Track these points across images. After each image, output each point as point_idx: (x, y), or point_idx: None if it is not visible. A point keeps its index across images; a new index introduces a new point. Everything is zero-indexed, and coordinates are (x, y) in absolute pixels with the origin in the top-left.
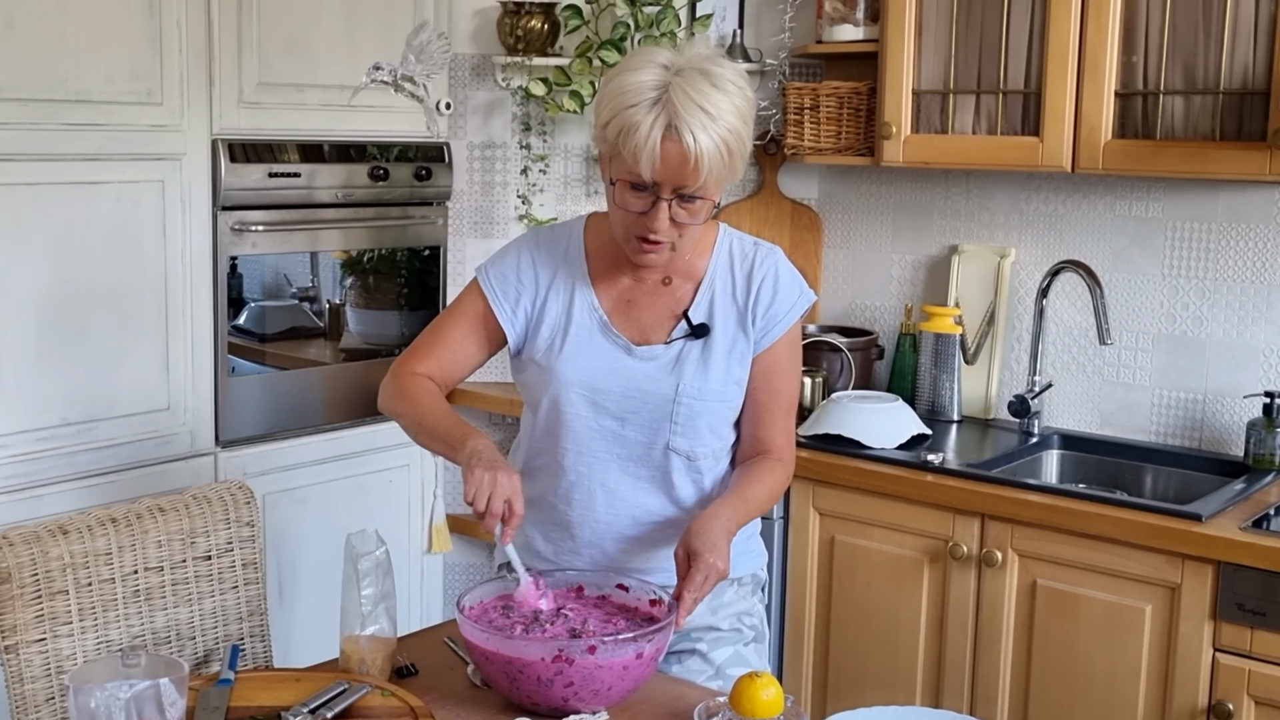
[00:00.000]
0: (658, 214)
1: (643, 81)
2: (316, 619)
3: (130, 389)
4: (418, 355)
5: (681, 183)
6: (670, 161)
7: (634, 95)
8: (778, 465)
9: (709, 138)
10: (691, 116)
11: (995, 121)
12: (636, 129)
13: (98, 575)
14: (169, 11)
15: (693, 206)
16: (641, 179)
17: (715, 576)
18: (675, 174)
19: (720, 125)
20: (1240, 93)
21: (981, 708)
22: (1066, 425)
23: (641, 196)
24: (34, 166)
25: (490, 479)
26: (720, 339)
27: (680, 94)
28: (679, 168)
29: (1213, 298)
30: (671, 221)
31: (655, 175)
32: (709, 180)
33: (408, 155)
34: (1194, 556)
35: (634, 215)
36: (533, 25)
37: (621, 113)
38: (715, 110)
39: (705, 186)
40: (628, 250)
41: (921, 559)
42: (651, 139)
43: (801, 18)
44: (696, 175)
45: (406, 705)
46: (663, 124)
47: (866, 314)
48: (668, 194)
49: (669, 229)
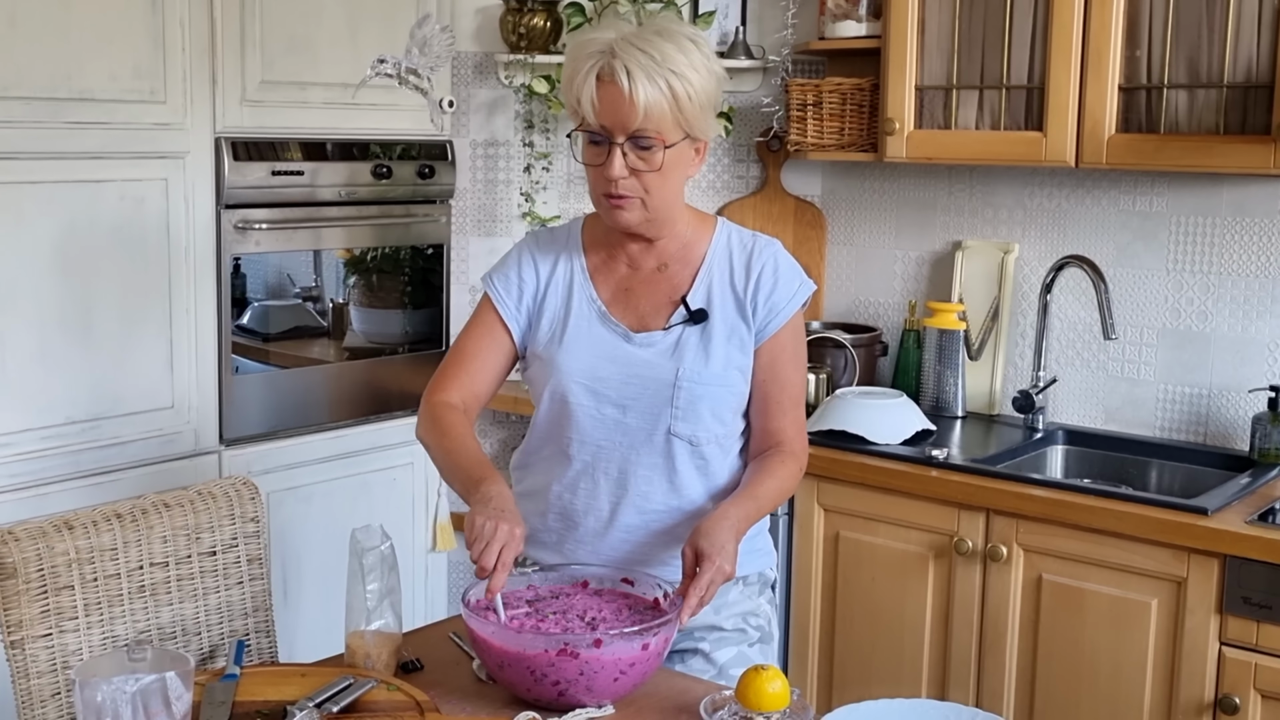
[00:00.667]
0: (612, 160)
1: (595, 39)
2: (321, 617)
3: (135, 387)
4: (445, 379)
5: (625, 124)
6: (608, 102)
7: (583, 49)
8: (789, 459)
9: (646, 76)
10: (630, 59)
11: (999, 116)
12: (576, 74)
13: (103, 571)
14: (172, 10)
15: (648, 154)
16: (592, 125)
17: (721, 579)
18: (616, 114)
19: (663, 69)
20: (1244, 86)
21: (988, 703)
22: (1071, 421)
23: (598, 149)
24: (38, 165)
25: (491, 528)
26: (719, 325)
27: (623, 44)
28: (617, 107)
29: (1217, 292)
30: (632, 172)
31: (598, 118)
32: (654, 122)
33: (411, 153)
34: (1200, 550)
35: (596, 171)
36: (535, 23)
37: (570, 64)
38: (659, 54)
39: (653, 129)
40: (603, 214)
41: (926, 554)
42: (589, 82)
43: (804, 14)
44: (634, 113)
45: (412, 699)
46: (599, 67)
47: (870, 310)
48: (619, 138)
49: (629, 181)
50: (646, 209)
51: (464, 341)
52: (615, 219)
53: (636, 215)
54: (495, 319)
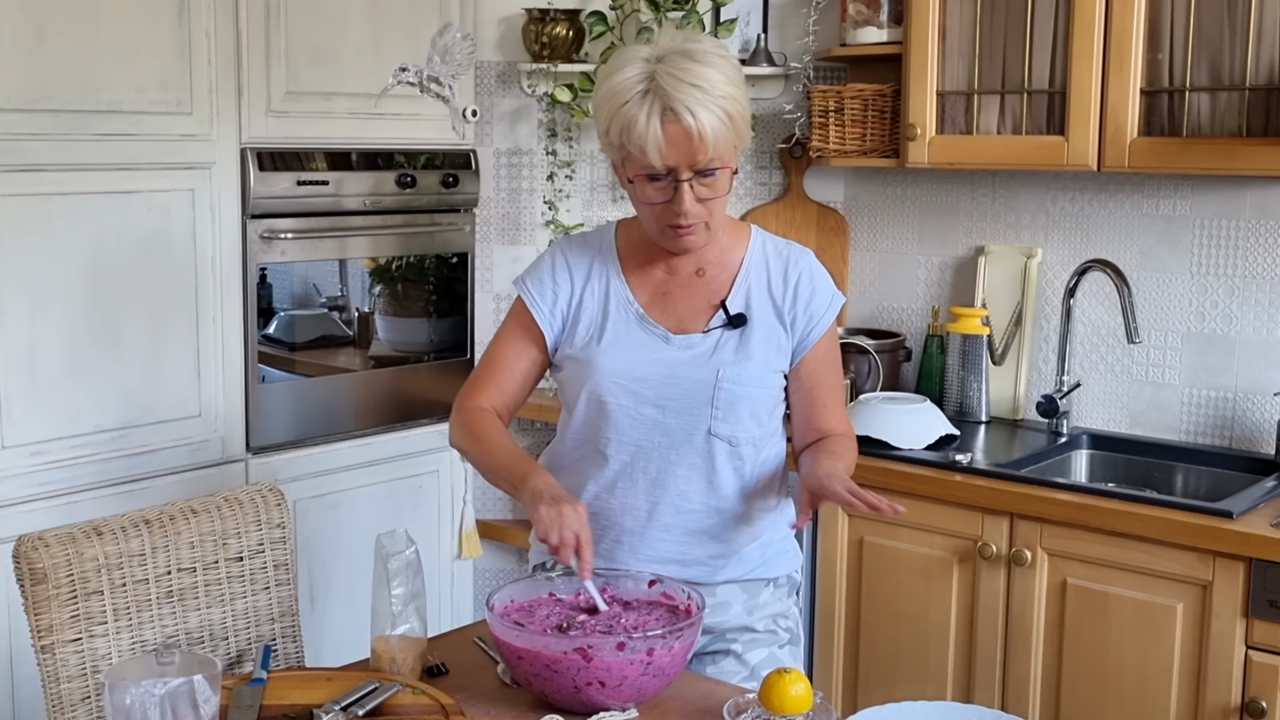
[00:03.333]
0: (682, 198)
1: (629, 78)
2: (348, 624)
3: (163, 396)
4: (477, 385)
5: (693, 160)
6: (675, 143)
7: (624, 93)
8: (843, 439)
9: (706, 110)
10: (683, 94)
11: (1020, 121)
12: (635, 123)
13: (132, 576)
14: (198, 22)
15: (712, 180)
16: (655, 168)
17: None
18: (684, 154)
19: (714, 95)
20: (1266, 88)
21: (1013, 707)
22: (1095, 425)
23: (661, 186)
24: (66, 176)
25: (556, 512)
26: (758, 329)
27: (666, 78)
28: (685, 147)
29: (1241, 295)
30: (697, 201)
31: (665, 161)
32: (719, 150)
33: (435, 163)
34: (1225, 554)
35: (660, 207)
36: (558, 32)
37: (617, 113)
38: (705, 83)
39: (717, 157)
40: (664, 243)
41: (951, 559)
42: (652, 127)
43: (825, 21)
44: (705, 148)
45: (437, 703)
46: (659, 109)
47: (893, 316)
48: (685, 175)
49: (697, 209)
50: (709, 229)
51: (496, 349)
52: (681, 246)
53: (701, 238)
54: (528, 323)
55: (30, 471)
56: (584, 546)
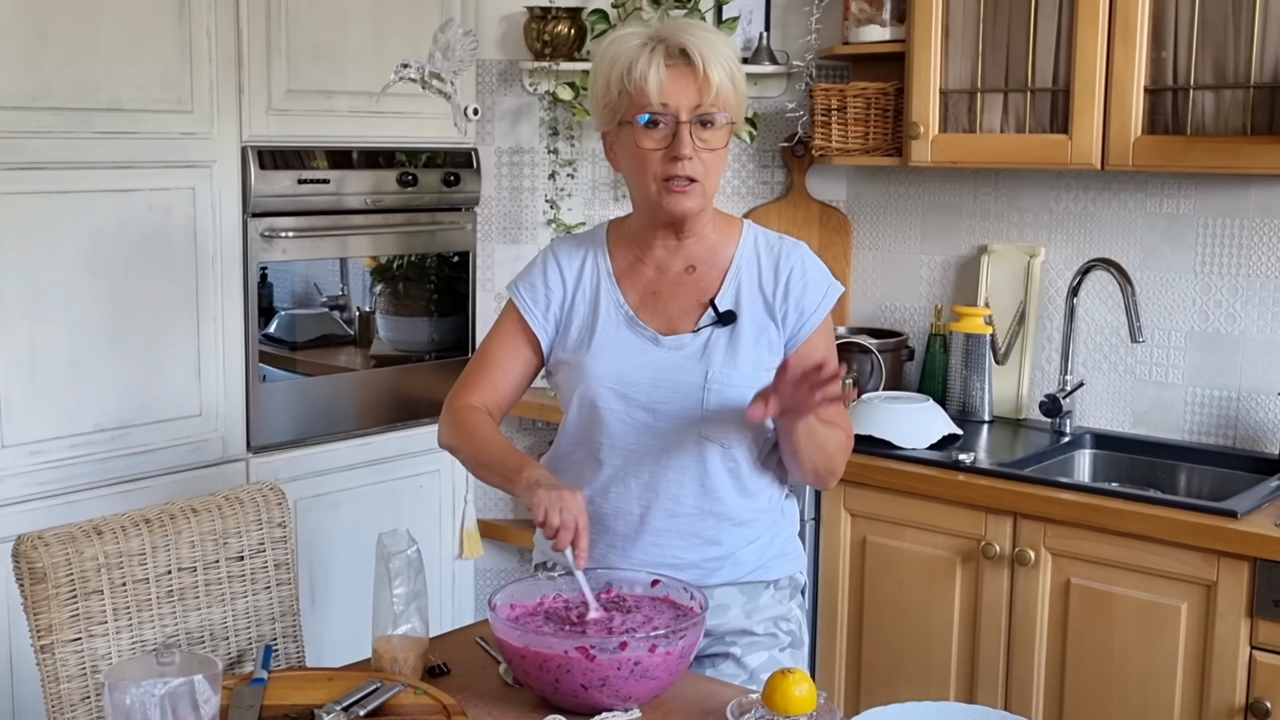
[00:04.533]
0: (681, 140)
1: (631, 41)
2: (349, 623)
3: (163, 395)
4: (468, 384)
5: (694, 102)
6: (677, 81)
7: (626, 49)
8: (838, 428)
9: (713, 53)
10: (692, 35)
11: (1023, 120)
12: (636, 62)
13: (132, 575)
14: (198, 20)
15: (712, 132)
16: (653, 106)
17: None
18: (685, 94)
19: (719, 50)
20: (1271, 86)
21: (1016, 707)
22: (1099, 424)
23: (660, 131)
24: (66, 174)
25: (555, 497)
26: (747, 326)
27: (671, 28)
28: (686, 86)
29: (1245, 294)
30: (695, 154)
31: (664, 97)
32: (722, 97)
33: (436, 161)
34: (1229, 554)
35: (657, 156)
36: (559, 30)
37: (616, 64)
38: (713, 36)
39: (720, 104)
40: (660, 203)
41: (954, 559)
42: (655, 63)
43: (828, 19)
44: (708, 88)
45: (439, 703)
46: (662, 50)
47: (896, 315)
48: (686, 116)
49: (694, 162)
50: (705, 196)
51: (488, 348)
52: (675, 205)
53: (696, 201)
54: (521, 326)
55: (30, 471)
56: (581, 534)
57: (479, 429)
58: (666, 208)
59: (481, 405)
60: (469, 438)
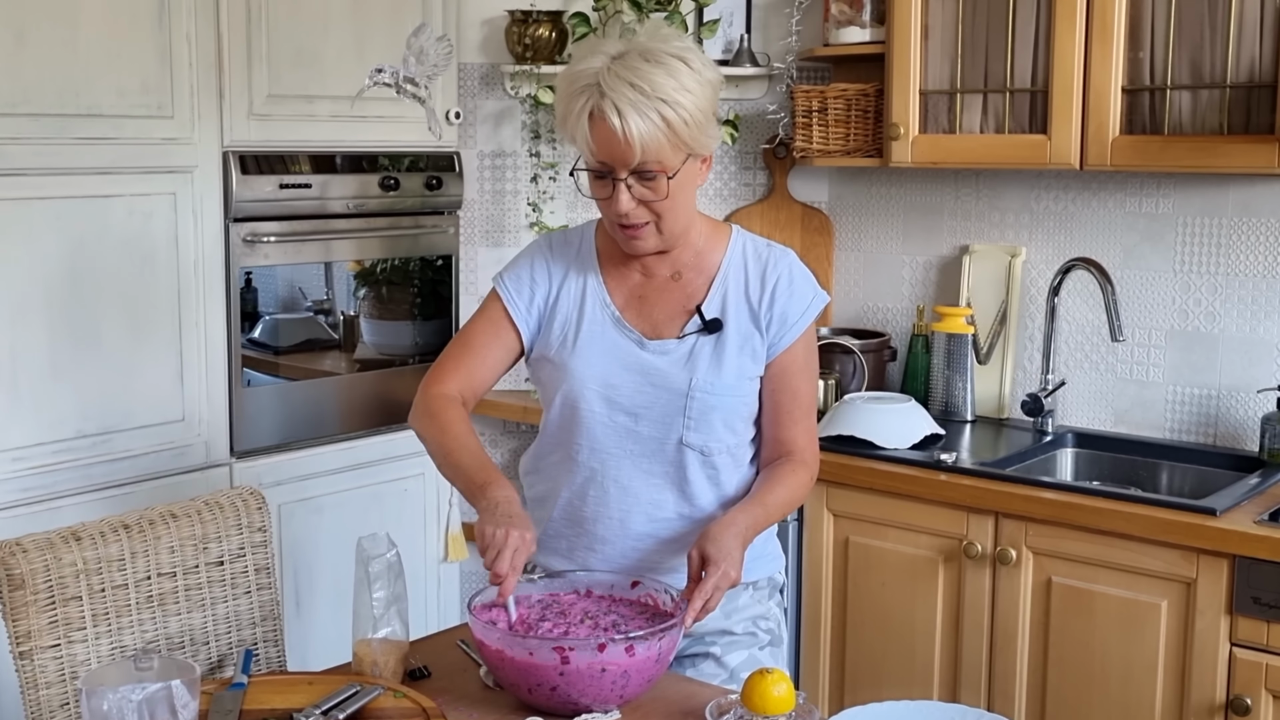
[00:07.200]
0: (618, 196)
1: (583, 70)
2: (334, 628)
3: (145, 401)
4: (445, 369)
5: (625, 160)
6: (602, 141)
7: (572, 85)
8: (800, 468)
9: (636, 112)
10: (617, 95)
11: (1003, 120)
12: (569, 116)
13: (111, 581)
14: (178, 25)
15: (652, 184)
16: (593, 163)
17: (726, 584)
18: (614, 152)
19: (652, 101)
20: (1247, 86)
21: (999, 706)
22: (1080, 423)
23: (602, 183)
24: (47, 181)
25: (502, 535)
26: (733, 334)
27: (610, 76)
28: (612, 146)
29: (1225, 293)
30: (639, 202)
31: (599, 156)
32: (652, 154)
33: (418, 165)
34: (1209, 551)
35: (604, 203)
36: (540, 33)
37: (562, 103)
38: (648, 86)
39: (653, 160)
40: (620, 243)
41: (936, 558)
42: (581, 124)
43: (808, 21)
44: (632, 151)
45: (419, 706)
46: (590, 107)
47: (878, 316)
48: (621, 174)
49: (637, 209)
50: (661, 232)
51: (468, 334)
52: (632, 248)
53: (652, 242)
54: (503, 317)
55: (11, 477)
56: (509, 577)
57: (453, 425)
58: (624, 248)
59: (457, 393)
60: (442, 432)
